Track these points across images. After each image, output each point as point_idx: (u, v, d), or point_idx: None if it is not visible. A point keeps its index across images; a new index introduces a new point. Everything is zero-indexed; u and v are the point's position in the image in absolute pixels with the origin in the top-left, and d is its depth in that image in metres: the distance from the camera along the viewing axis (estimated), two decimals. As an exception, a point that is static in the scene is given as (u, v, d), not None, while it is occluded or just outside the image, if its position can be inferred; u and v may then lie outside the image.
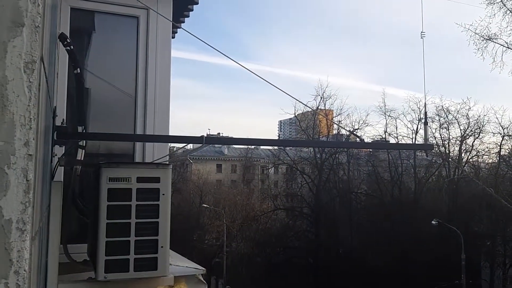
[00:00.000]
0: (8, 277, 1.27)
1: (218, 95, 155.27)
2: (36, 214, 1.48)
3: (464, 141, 35.15)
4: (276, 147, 42.74)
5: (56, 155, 2.91)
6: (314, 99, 37.12)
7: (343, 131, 39.87)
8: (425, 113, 3.39)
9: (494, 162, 36.20)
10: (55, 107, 3.07)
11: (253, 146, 59.25)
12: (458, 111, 35.19)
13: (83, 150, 3.22)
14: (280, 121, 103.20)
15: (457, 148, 35.66)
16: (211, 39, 4.19)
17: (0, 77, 1.27)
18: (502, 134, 33.78)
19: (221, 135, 58.41)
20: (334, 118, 38.77)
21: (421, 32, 3.57)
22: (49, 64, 2.03)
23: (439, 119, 35.27)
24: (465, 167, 34.81)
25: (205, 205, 40.82)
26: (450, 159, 35.23)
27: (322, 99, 37.30)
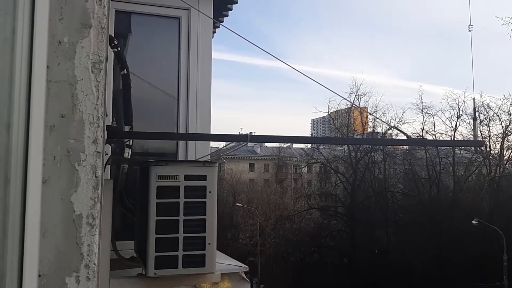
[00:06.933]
0: (79, 270, 1.31)
1: (249, 95, 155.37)
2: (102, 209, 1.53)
3: (505, 138, 33.97)
4: (309, 146, 42.40)
5: (107, 153, 3.00)
6: (348, 97, 36.59)
7: (378, 129, 38.96)
8: (474, 108, 3.33)
9: (537, 160, 34.80)
10: (104, 107, 3.16)
11: (285, 145, 59.13)
12: (499, 107, 34.11)
13: (130, 149, 3.31)
14: (313, 119, 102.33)
15: (498, 146, 34.50)
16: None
17: (70, 77, 1.32)
18: (546, 130, 32.46)
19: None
20: (369, 116, 38.13)
21: (469, 25, 3.46)
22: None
23: (479, 116, 34.16)
24: (507, 165, 33.58)
25: (238, 204, 41.03)
26: (491, 157, 34.05)
27: (357, 96, 36.77)
